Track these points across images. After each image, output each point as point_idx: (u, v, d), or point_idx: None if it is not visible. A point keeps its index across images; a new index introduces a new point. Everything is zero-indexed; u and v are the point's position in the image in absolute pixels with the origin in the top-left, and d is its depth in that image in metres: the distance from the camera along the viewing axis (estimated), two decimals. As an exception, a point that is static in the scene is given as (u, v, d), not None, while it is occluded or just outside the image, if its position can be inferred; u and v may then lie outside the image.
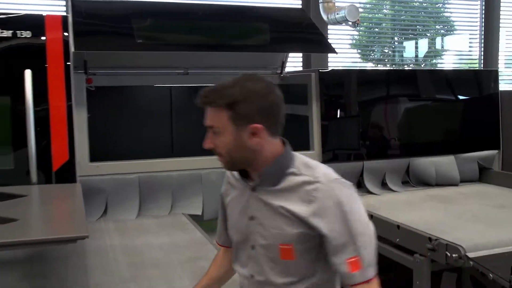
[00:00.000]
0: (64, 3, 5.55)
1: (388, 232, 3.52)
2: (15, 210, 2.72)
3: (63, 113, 3.50)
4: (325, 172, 1.69)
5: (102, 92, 4.05)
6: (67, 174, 3.52)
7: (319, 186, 1.63)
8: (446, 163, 4.87)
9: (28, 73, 3.39)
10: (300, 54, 6.47)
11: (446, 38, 7.89)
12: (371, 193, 4.50)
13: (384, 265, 3.96)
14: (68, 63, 3.53)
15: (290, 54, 4.98)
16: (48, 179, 3.49)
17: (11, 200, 2.92)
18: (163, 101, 4.56)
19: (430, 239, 3.12)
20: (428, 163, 4.80)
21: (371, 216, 3.72)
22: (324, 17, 5.93)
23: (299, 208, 1.63)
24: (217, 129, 1.68)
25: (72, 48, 3.54)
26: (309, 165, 1.72)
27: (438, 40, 7.88)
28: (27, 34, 3.48)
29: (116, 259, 3.06)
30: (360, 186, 4.56)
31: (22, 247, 2.67)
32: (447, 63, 8.05)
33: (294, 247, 1.65)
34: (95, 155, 3.94)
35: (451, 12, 7.89)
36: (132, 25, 3.77)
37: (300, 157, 1.75)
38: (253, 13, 4.51)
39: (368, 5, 7.46)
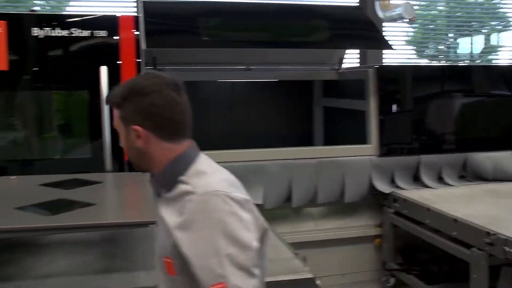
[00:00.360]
0: (134, 4, 5.86)
1: (445, 225, 3.57)
2: (92, 195, 2.94)
3: (136, 107, 3.76)
4: (209, 182, 1.49)
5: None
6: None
7: (193, 197, 1.46)
8: (503, 158, 4.81)
9: (103, 69, 3.66)
10: (356, 51, 6.54)
11: (502, 34, 7.72)
12: (427, 187, 4.53)
13: (440, 257, 4.05)
14: (139, 60, 3.80)
15: (347, 51, 5.08)
16: (120, 167, 3.76)
17: (88, 186, 3.17)
18: (225, 95, 4.76)
19: (488, 233, 3.13)
20: (485, 158, 4.77)
21: (428, 210, 3.80)
22: (380, 14, 5.96)
23: (171, 219, 1.49)
24: (117, 128, 1.61)
25: (143, 46, 3.79)
26: (200, 173, 1.53)
27: (494, 36, 7.73)
28: (103, 33, 3.76)
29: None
30: (416, 179, 4.62)
31: (98, 229, 2.87)
32: (503, 59, 7.87)
33: (173, 261, 1.50)
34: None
35: (508, 8, 7.72)
36: (198, 24, 3.98)
37: (199, 164, 1.57)
38: (313, 11, 4.63)
39: (423, 2, 7.42)
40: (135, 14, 5.66)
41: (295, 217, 4.44)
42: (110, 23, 3.78)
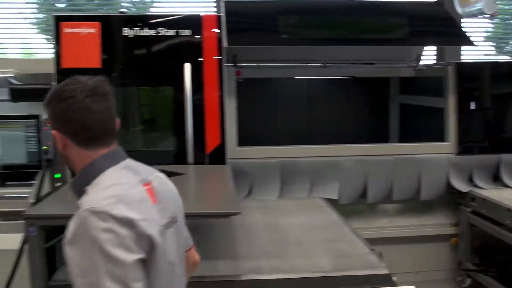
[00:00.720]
0: (213, 3, 6.08)
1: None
2: (176, 186, 3.06)
3: (216, 102, 3.93)
4: (94, 197, 1.46)
5: (248, 83, 4.43)
6: (219, 156, 3.94)
7: (78, 211, 1.44)
8: None
9: (187, 67, 3.85)
10: (433, 47, 6.41)
11: None
12: (508, 186, 4.41)
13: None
14: (220, 57, 3.95)
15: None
16: (202, 160, 3.93)
17: (171, 178, 3.36)
18: (302, 92, 4.85)
19: None
20: None
21: (508, 210, 3.70)
22: (459, 10, 5.79)
23: (67, 232, 1.46)
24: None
25: (224, 44, 3.94)
26: (97, 186, 1.51)
27: None
28: (187, 32, 3.95)
29: (260, 234, 3.26)
30: (496, 179, 4.50)
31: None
32: None
33: None
34: (242, 140, 4.32)
35: None
36: (278, 22, 4.09)
37: (105, 175, 1.55)
38: (391, 7, 4.60)
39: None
40: (215, 13, 5.91)
41: (369, 213, 4.46)
42: (194, 22, 3.95)
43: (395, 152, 4.36)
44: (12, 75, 4.33)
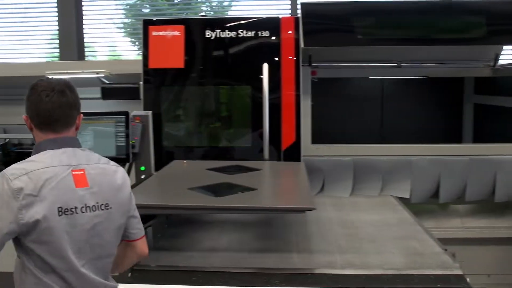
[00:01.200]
0: (287, 6, 6.24)
1: None
2: (253, 181, 3.18)
3: (293, 101, 4.08)
4: (13, 166, 1.80)
5: (323, 83, 4.54)
6: (293, 153, 4.08)
7: None
8: None
9: (265, 67, 4.02)
10: (509, 47, 6.21)
11: None
12: None
13: None
14: (297, 58, 4.10)
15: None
16: (277, 156, 4.09)
17: (249, 173, 3.49)
18: (375, 91, 4.90)
19: None
20: None
21: None
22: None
23: None
24: None
25: (301, 45, 4.08)
26: (27, 160, 1.85)
27: None
28: (266, 34, 4.13)
29: (333, 230, 3.27)
30: None
31: (260, 212, 3.13)
32: None
33: None
34: (316, 138, 4.43)
35: None
36: (353, 23, 4.17)
37: (38, 154, 1.86)
38: (467, 7, 4.53)
39: None
40: (290, 15, 6.05)
41: (441, 213, 4.44)
42: (272, 24, 4.13)
43: (469, 152, 4.30)
44: (103, 75, 4.70)
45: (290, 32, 4.11)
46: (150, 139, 4.05)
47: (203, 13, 4.60)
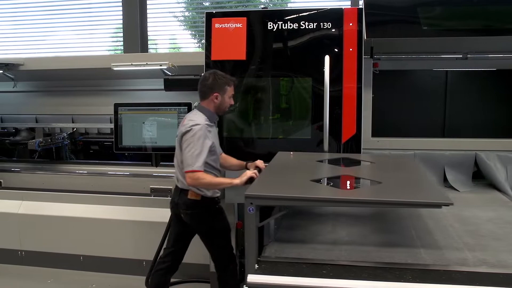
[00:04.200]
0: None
1: None
2: (373, 174, 3.16)
3: (354, 93, 4.04)
4: None
5: (384, 75, 4.47)
6: (353, 146, 4.04)
7: None
8: None
9: (327, 59, 4.00)
10: None
11: None
12: None
13: None
14: (360, 49, 4.05)
15: None
16: (337, 149, 4.05)
17: (363, 165, 3.47)
18: (439, 84, 4.77)
19: None
20: None
21: None
22: None
23: None
24: None
25: (364, 36, 4.03)
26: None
27: None
28: (328, 25, 4.10)
29: (451, 225, 3.15)
30: None
31: (394, 206, 3.07)
32: None
33: None
34: (376, 131, 4.38)
35: None
36: (418, 14, 4.06)
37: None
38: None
39: None
40: (349, 6, 5.98)
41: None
42: (335, 15, 4.10)
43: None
44: (166, 67, 4.83)
45: (353, 23, 4.07)
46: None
47: (263, 6, 4.59)
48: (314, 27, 4.13)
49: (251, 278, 2.34)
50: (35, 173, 5.64)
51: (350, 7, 6.00)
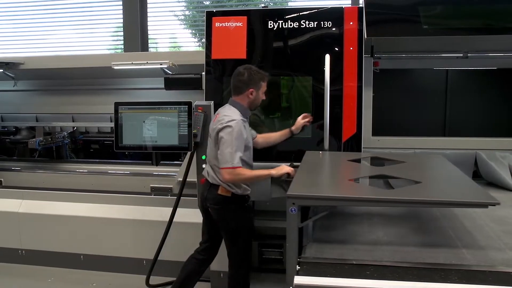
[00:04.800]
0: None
1: None
2: (409, 173, 3.10)
3: (354, 92, 4.04)
4: None
5: (384, 74, 4.47)
6: (354, 145, 4.05)
7: None
8: None
9: (327, 58, 4.00)
10: None
11: None
12: None
13: None
14: (359, 48, 4.05)
15: None
16: (337, 148, 4.06)
17: (396, 164, 3.41)
18: (439, 83, 4.77)
19: None
20: None
21: None
22: None
23: None
24: None
25: (364, 35, 4.02)
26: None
27: None
28: (328, 24, 4.10)
29: (488, 225, 3.09)
30: None
31: (438, 206, 2.95)
32: None
33: None
34: (377, 130, 4.39)
35: None
36: (419, 12, 4.06)
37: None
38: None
39: None
40: (349, 5, 5.97)
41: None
42: (335, 14, 4.10)
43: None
44: (166, 66, 4.83)
45: (353, 22, 4.07)
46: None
47: (263, 5, 4.59)
48: (315, 26, 4.13)
49: (298, 279, 2.30)
50: (35, 172, 5.64)
51: (350, 6, 6.02)
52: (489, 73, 4.70)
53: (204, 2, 7.20)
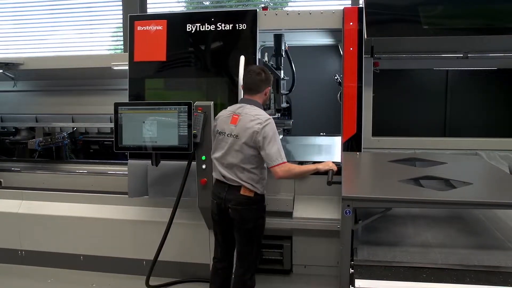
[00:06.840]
0: None
1: None
2: (455, 174, 3.11)
3: (354, 93, 4.04)
4: None
5: (384, 74, 4.46)
6: (354, 145, 4.06)
7: None
8: None
9: (242, 59, 4.02)
10: None
11: None
12: None
13: None
14: (359, 49, 4.04)
15: None
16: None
17: (439, 166, 3.43)
18: (439, 83, 4.77)
19: None
20: None
21: None
22: None
23: None
24: None
25: (364, 36, 4.02)
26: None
27: None
28: (242, 26, 4.12)
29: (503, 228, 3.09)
30: None
31: (503, 208, 2.83)
32: None
33: None
34: (377, 130, 4.38)
35: None
36: (419, 13, 4.05)
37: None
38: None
39: None
40: (350, 5, 5.95)
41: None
42: (250, 17, 4.18)
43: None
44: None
45: (352, 22, 4.06)
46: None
47: (263, 5, 4.59)
48: (230, 28, 4.21)
49: (359, 283, 2.30)
50: (35, 173, 5.63)
51: (350, 6, 6.01)
52: (489, 74, 4.70)
53: (204, 2, 7.20)
